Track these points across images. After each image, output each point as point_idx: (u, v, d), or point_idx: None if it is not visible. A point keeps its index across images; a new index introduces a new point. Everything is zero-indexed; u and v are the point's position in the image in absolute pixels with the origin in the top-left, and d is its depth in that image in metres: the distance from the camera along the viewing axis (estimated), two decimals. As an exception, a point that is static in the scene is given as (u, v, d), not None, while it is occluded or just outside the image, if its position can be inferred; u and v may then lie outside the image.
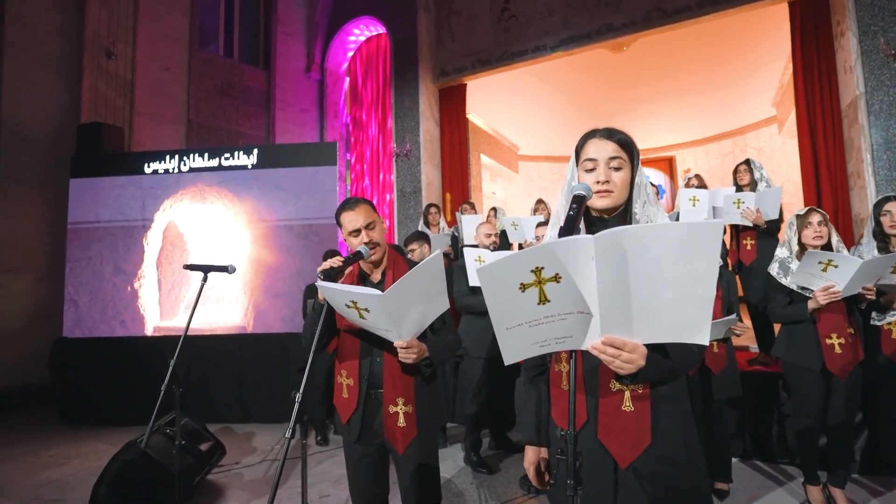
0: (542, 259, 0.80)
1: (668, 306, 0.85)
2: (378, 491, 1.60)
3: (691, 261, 0.79)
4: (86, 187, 4.80)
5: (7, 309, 5.02)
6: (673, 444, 1.06)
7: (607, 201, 1.12)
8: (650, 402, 1.06)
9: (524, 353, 0.94)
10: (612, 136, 1.13)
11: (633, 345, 0.90)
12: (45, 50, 5.37)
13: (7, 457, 3.57)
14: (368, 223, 1.54)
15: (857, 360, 2.24)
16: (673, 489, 1.05)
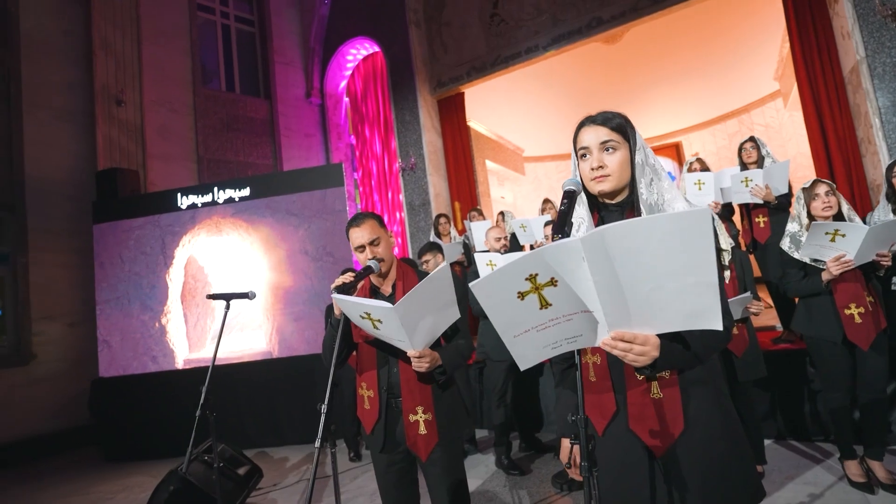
0: (533, 266, 0.82)
1: (675, 296, 0.84)
2: (408, 496, 1.65)
3: (686, 250, 0.79)
4: (108, 231, 4.99)
5: (46, 355, 5.22)
6: (709, 429, 1.03)
7: (604, 185, 1.10)
8: (679, 388, 1.04)
9: (537, 358, 0.96)
10: (602, 121, 1.11)
11: (645, 337, 0.90)
12: (59, 105, 5.63)
13: (57, 496, 3.72)
14: (373, 239, 1.60)
15: (880, 328, 2.21)
16: (715, 474, 1.02)
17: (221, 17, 7.75)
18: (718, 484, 1.02)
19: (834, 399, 2.33)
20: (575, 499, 2.62)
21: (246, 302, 2.33)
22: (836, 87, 4.92)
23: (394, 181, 7.80)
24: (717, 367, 1.12)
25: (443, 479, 1.58)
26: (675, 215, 0.78)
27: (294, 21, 8.46)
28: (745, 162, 3.66)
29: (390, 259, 1.67)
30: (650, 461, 1.05)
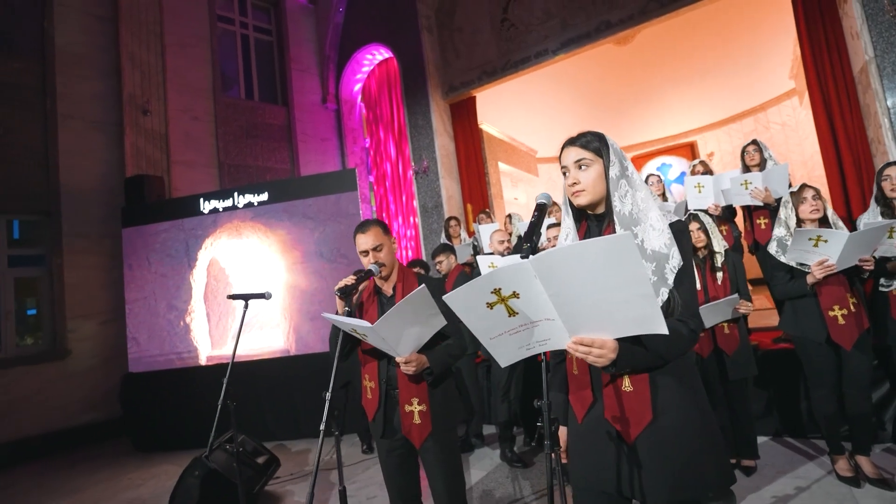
0: (495, 283, 0.96)
1: (621, 306, 0.97)
2: (408, 481, 1.81)
3: (619, 267, 0.91)
4: (135, 235, 5.29)
5: (80, 351, 5.55)
6: (678, 420, 1.13)
7: (581, 199, 1.23)
8: (649, 383, 1.14)
9: (515, 357, 1.10)
10: (576, 141, 1.25)
11: (602, 341, 1.01)
12: (90, 115, 5.96)
13: (93, 482, 4.00)
14: (376, 245, 1.77)
15: (863, 328, 2.29)
16: (683, 461, 1.11)
17: (241, 28, 8.05)
18: (686, 470, 1.12)
19: (820, 396, 2.42)
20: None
21: (264, 302, 2.53)
22: (847, 88, 4.91)
23: (408, 185, 7.98)
24: (690, 366, 1.22)
25: (437, 464, 1.74)
26: (600, 241, 0.91)
27: (310, 29, 8.71)
28: (748, 164, 3.73)
29: (391, 263, 1.84)
30: (620, 446, 1.17)
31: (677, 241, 1.16)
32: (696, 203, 3.65)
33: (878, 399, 2.85)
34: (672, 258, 1.14)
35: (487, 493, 2.89)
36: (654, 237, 1.15)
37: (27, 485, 4.17)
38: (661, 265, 1.13)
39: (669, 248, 1.14)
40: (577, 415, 1.26)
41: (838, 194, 4.89)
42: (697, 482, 1.12)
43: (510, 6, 7.09)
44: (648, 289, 0.94)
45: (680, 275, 1.14)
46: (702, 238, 2.80)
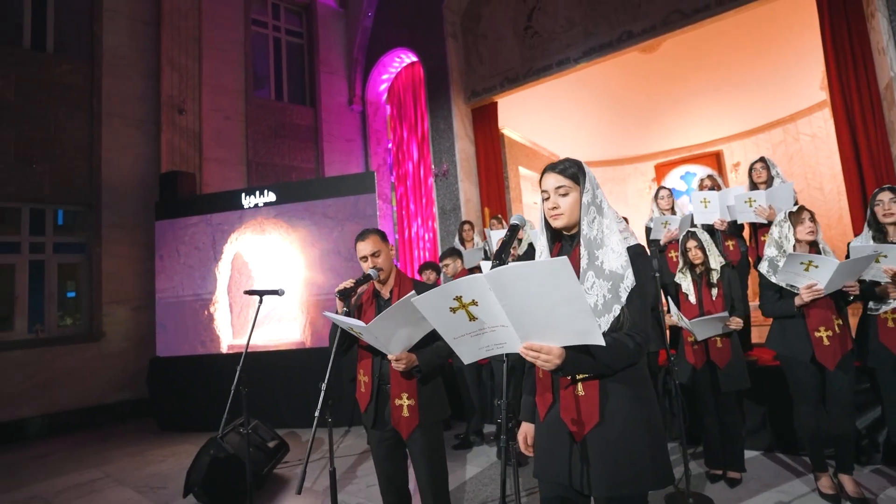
0: (456, 291, 1.10)
1: (564, 318, 1.10)
2: (396, 470, 1.99)
3: (557, 286, 1.04)
4: (167, 228, 5.63)
5: (114, 334, 5.95)
6: (623, 423, 1.25)
7: (558, 222, 1.36)
8: (599, 389, 1.27)
9: (475, 356, 1.24)
10: (556, 167, 1.38)
11: (549, 348, 1.13)
12: (131, 114, 6.36)
13: (120, 456, 4.34)
14: (374, 252, 1.95)
15: (846, 349, 2.34)
16: (624, 460, 1.24)
17: (273, 31, 8.38)
18: (625, 469, 1.24)
19: (803, 413, 2.47)
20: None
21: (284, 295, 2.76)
22: (872, 103, 4.83)
23: (428, 187, 8.16)
24: (643, 377, 1.33)
25: (422, 455, 1.90)
26: (539, 263, 1.05)
27: (339, 32, 8.99)
28: (755, 181, 3.75)
29: (389, 268, 2.01)
30: (571, 444, 1.30)
31: (633, 264, 1.28)
32: (701, 217, 3.70)
33: (872, 421, 2.87)
34: (626, 279, 1.26)
35: (480, 489, 3.03)
36: (612, 259, 1.28)
37: (62, 455, 4.54)
38: (617, 284, 1.26)
39: (625, 270, 1.27)
40: (540, 414, 1.40)
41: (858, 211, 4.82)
42: (635, 480, 1.24)
43: (534, 14, 7.18)
44: (585, 305, 1.07)
45: (632, 294, 1.26)
46: (699, 255, 2.87)
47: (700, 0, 5.70)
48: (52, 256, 5.85)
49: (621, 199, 10.90)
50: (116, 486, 3.56)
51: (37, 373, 5.42)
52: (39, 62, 5.81)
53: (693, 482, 2.82)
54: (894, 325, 2.36)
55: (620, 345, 1.22)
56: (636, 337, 1.24)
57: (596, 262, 1.28)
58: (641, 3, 6.17)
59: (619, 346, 1.22)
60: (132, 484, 3.59)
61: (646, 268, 1.31)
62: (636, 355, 1.25)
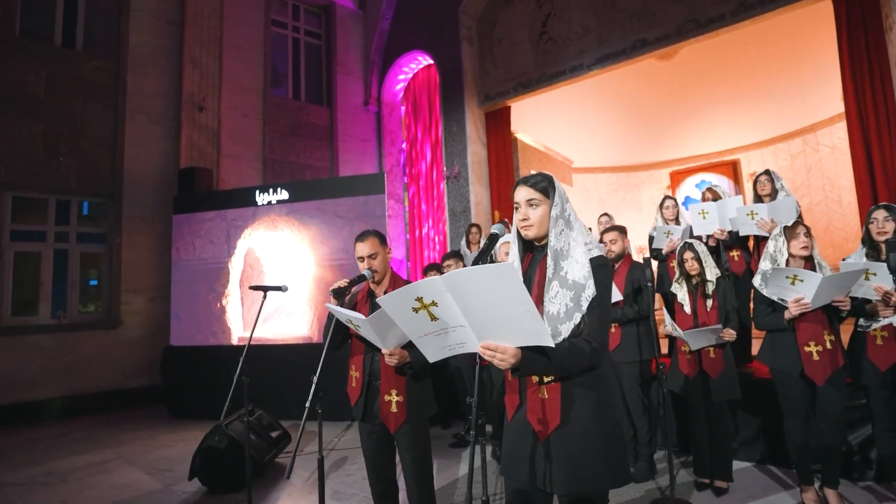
0: (417, 292, 1.19)
1: (515, 320, 1.17)
2: (384, 462, 2.08)
3: (506, 290, 1.12)
4: (184, 221, 5.83)
5: (131, 322, 6.18)
6: (584, 426, 1.32)
7: (528, 232, 1.44)
8: (561, 393, 1.35)
9: (439, 355, 1.33)
10: (528, 181, 1.45)
11: (504, 348, 1.20)
12: (153, 110, 6.59)
13: (133, 439, 4.54)
14: (371, 254, 2.05)
15: (837, 365, 2.36)
16: (584, 459, 1.31)
17: (292, 32, 8.57)
18: (583, 468, 1.32)
19: (792, 426, 2.50)
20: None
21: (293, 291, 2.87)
22: (889, 117, 4.78)
23: (439, 188, 8.26)
24: (608, 384, 1.40)
25: (409, 448, 2.00)
26: (487, 267, 1.11)
27: (357, 34, 9.15)
28: (760, 194, 3.76)
29: (384, 270, 2.11)
30: (535, 443, 1.38)
31: (594, 275, 1.35)
32: (701, 229, 3.72)
33: (865, 437, 2.87)
34: (588, 288, 1.33)
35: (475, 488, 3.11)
36: (576, 269, 1.35)
37: (79, 435, 4.76)
38: (579, 294, 1.33)
39: (587, 280, 1.34)
40: (508, 414, 1.48)
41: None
42: (594, 479, 1.32)
43: (549, 20, 7.22)
44: (532, 308, 1.15)
45: (592, 303, 1.33)
46: (695, 266, 2.91)
47: (715, 10, 5.67)
48: (76, 246, 6.11)
49: (635, 205, 10.83)
50: (127, 467, 3.74)
51: (58, 357, 5.67)
52: (69, 59, 6.07)
53: (680, 489, 2.87)
54: (883, 342, 2.37)
55: (577, 349, 1.30)
56: (593, 342, 1.32)
57: (561, 273, 1.36)
58: (656, 11, 6.17)
59: (576, 350, 1.29)
60: (142, 466, 3.76)
61: (606, 279, 1.39)
62: (593, 360, 1.32)
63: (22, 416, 5.35)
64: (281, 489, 3.24)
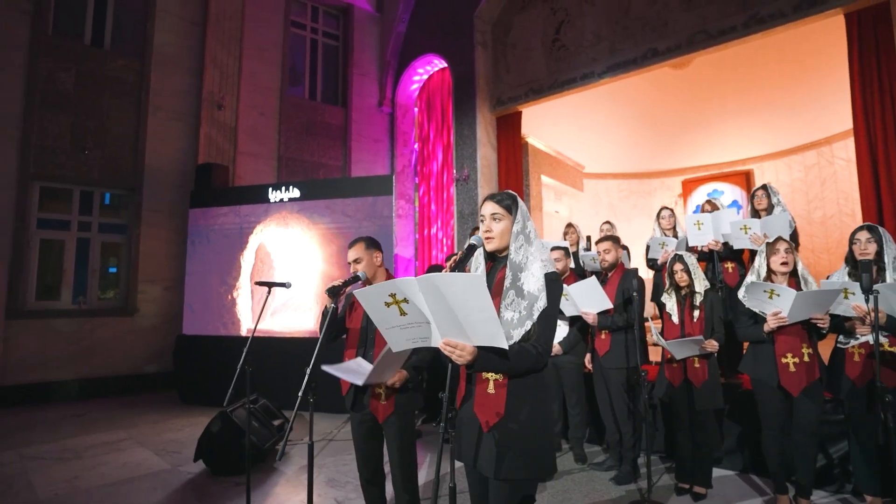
0: (391, 289, 1.33)
1: (476, 323, 1.31)
2: (373, 450, 2.23)
3: (473, 297, 1.26)
4: (200, 216, 6.06)
5: (146, 310, 6.44)
6: (522, 420, 1.47)
7: (490, 244, 1.58)
8: (506, 390, 1.50)
9: (403, 346, 1.47)
10: (494, 198, 1.60)
11: (463, 346, 1.35)
12: (174, 107, 6.84)
13: (144, 422, 4.77)
14: (356, 258, 2.24)
15: (813, 378, 2.44)
16: (517, 450, 1.46)
17: (311, 33, 8.79)
18: (519, 457, 1.47)
19: (768, 436, 2.58)
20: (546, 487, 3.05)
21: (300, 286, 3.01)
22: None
23: (449, 190, 8.40)
24: (543, 384, 1.54)
25: (395, 438, 2.14)
26: (461, 275, 1.25)
27: (374, 36, 9.32)
28: (756, 208, 3.82)
29: (371, 272, 2.28)
30: (480, 433, 1.53)
31: (547, 289, 1.49)
32: (695, 240, 3.80)
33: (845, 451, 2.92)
34: (540, 300, 1.48)
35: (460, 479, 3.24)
36: (532, 282, 1.49)
37: (94, 416, 5.01)
38: (532, 304, 1.47)
39: (539, 293, 1.48)
40: (457, 403, 1.63)
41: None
42: (525, 468, 1.47)
43: (563, 27, 7.30)
44: (494, 315, 1.30)
45: (542, 313, 1.48)
46: (684, 278, 3.00)
47: (726, 22, 5.71)
48: (97, 235, 6.38)
49: (646, 212, 10.81)
50: (138, 447, 3.96)
51: (77, 341, 5.94)
52: (97, 57, 6.34)
53: (662, 493, 2.96)
54: (860, 359, 2.44)
55: (525, 352, 1.44)
56: (539, 347, 1.46)
57: (518, 283, 1.50)
58: (668, 21, 6.21)
59: (524, 352, 1.44)
60: (152, 447, 3.98)
61: (556, 293, 1.53)
62: (537, 362, 1.47)
63: (41, 395, 5.64)
64: (279, 474, 3.41)
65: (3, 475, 3.31)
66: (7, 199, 5.64)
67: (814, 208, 9.13)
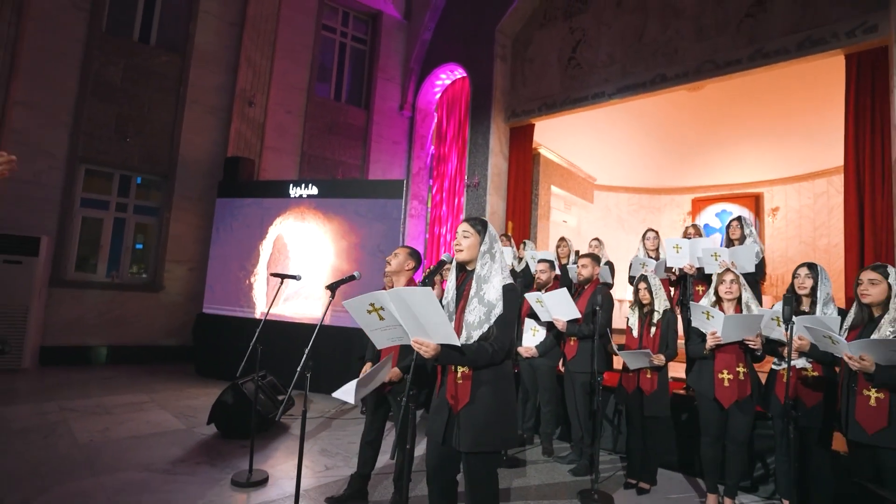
0: (371, 300, 1.74)
1: (436, 326, 1.70)
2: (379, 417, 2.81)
3: (426, 306, 1.64)
4: (226, 205, 6.59)
5: (171, 288, 7.02)
6: (485, 405, 1.84)
7: (459, 256, 1.96)
8: (471, 380, 1.87)
9: (384, 344, 1.89)
10: (468, 220, 1.99)
11: (428, 343, 1.73)
12: (209, 102, 7.39)
13: (164, 388, 5.32)
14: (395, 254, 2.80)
15: (745, 394, 2.78)
16: (482, 428, 1.84)
17: (340, 37, 9.26)
18: (483, 432, 1.83)
19: (704, 442, 2.93)
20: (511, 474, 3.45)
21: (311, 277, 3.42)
22: (884, 173, 4.99)
23: (460, 195, 8.79)
24: (504, 375, 1.91)
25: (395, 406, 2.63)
26: (417, 290, 1.65)
27: (400, 42, 9.75)
28: (731, 238, 4.13)
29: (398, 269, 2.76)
30: (450, 414, 1.91)
31: (504, 298, 1.87)
32: (673, 261, 4.13)
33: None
34: (497, 307, 1.86)
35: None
36: (492, 293, 1.88)
37: (121, 380, 5.59)
38: (490, 310, 1.86)
39: (497, 301, 1.86)
40: (435, 393, 2.02)
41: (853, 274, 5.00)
42: (489, 441, 1.84)
43: (579, 46, 7.60)
44: (444, 319, 1.69)
45: (498, 318, 1.85)
46: (647, 297, 3.35)
47: (734, 54, 5.96)
48: (132, 216, 6.97)
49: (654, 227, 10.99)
50: (159, 409, 4.48)
51: (108, 311, 6.54)
52: (144, 53, 6.92)
53: (611, 485, 3.33)
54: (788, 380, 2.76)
55: (482, 349, 1.82)
56: (495, 346, 1.84)
57: (481, 293, 1.88)
58: (679, 49, 6.48)
59: (482, 349, 1.82)
60: (171, 410, 4.50)
61: (512, 301, 1.90)
62: (493, 358, 1.84)
63: (77, 357, 6.25)
64: (280, 441, 3.89)
65: (48, 421, 3.86)
66: (57, 179, 6.25)
67: (819, 235, 9.26)
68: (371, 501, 2.84)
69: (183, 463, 3.26)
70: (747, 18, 5.88)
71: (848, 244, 5.21)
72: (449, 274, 2.09)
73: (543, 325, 3.88)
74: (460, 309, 1.93)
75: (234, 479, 3.02)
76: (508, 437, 1.90)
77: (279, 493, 2.91)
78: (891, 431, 2.14)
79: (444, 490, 1.95)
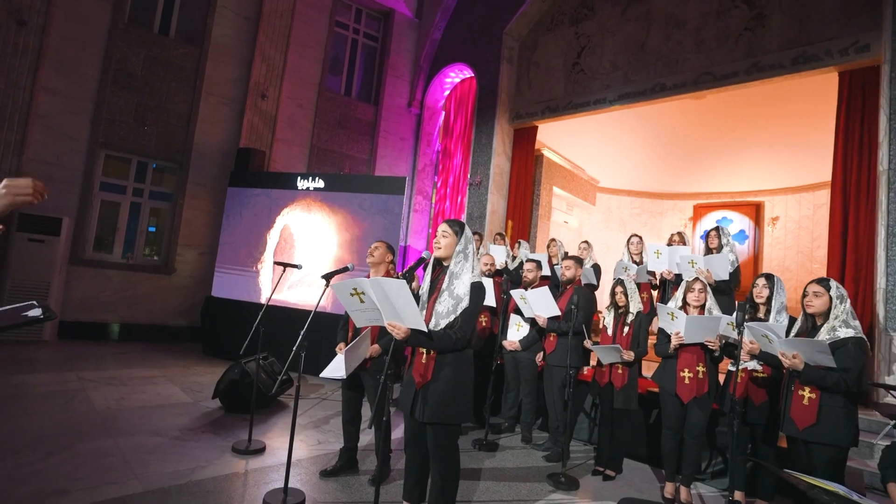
0: (354, 286, 2.02)
1: (405, 312, 1.98)
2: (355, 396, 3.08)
3: (399, 295, 1.93)
4: (236, 194, 6.89)
5: (182, 271, 7.36)
6: (447, 382, 2.12)
7: (437, 253, 2.23)
8: (434, 361, 2.14)
9: (364, 324, 2.18)
10: (448, 223, 2.25)
11: (400, 326, 2.01)
12: (224, 94, 7.68)
13: (173, 365, 5.66)
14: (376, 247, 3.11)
15: (702, 392, 3.03)
16: (442, 403, 2.11)
17: (352, 33, 9.50)
18: (443, 406, 2.10)
19: (665, 435, 3.19)
20: (487, 456, 3.74)
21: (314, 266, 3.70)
22: (869, 189, 5.16)
23: (463, 193, 9.04)
24: (466, 359, 2.17)
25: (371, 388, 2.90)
26: (391, 281, 1.93)
27: (410, 40, 9.97)
28: (710, 246, 4.36)
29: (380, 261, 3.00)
30: (415, 390, 2.19)
31: (470, 293, 2.14)
32: (653, 266, 4.37)
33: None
34: (463, 301, 2.13)
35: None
36: (460, 288, 2.15)
37: (133, 355, 5.94)
38: (457, 303, 2.13)
39: (465, 296, 2.13)
40: (405, 371, 2.30)
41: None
42: (448, 413, 2.12)
43: (583, 53, 7.79)
44: (415, 307, 1.98)
45: (464, 310, 2.12)
46: (622, 299, 3.60)
47: (730, 67, 6.14)
48: (147, 201, 7.31)
49: (655, 231, 11.18)
50: (168, 384, 4.82)
51: (122, 290, 6.89)
52: (163, 45, 7.21)
53: (579, 471, 3.60)
54: (741, 380, 3.01)
55: (447, 335, 2.10)
56: (458, 333, 2.11)
57: (451, 287, 2.16)
58: (679, 59, 6.66)
59: (446, 336, 2.10)
60: (179, 384, 4.84)
61: (478, 296, 2.16)
62: (456, 344, 2.11)
63: (93, 332, 6.63)
64: (278, 417, 4.20)
65: (68, 389, 4.20)
66: (79, 163, 6.58)
67: (817, 246, 9.39)
68: (362, 471, 3.14)
69: (189, 431, 3.58)
70: (746, 32, 6.04)
71: (831, 257, 5.40)
72: (427, 267, 2.36)
73: (527, 320, 4.14)
74: (432, 300, 2.21)
75: (234, 447, 3.33)
76: (463, 412, 2.17)
77: (274, 460, 3.22)
78: (818, 428, 2.39)
79: (416, 455, 2.24)
